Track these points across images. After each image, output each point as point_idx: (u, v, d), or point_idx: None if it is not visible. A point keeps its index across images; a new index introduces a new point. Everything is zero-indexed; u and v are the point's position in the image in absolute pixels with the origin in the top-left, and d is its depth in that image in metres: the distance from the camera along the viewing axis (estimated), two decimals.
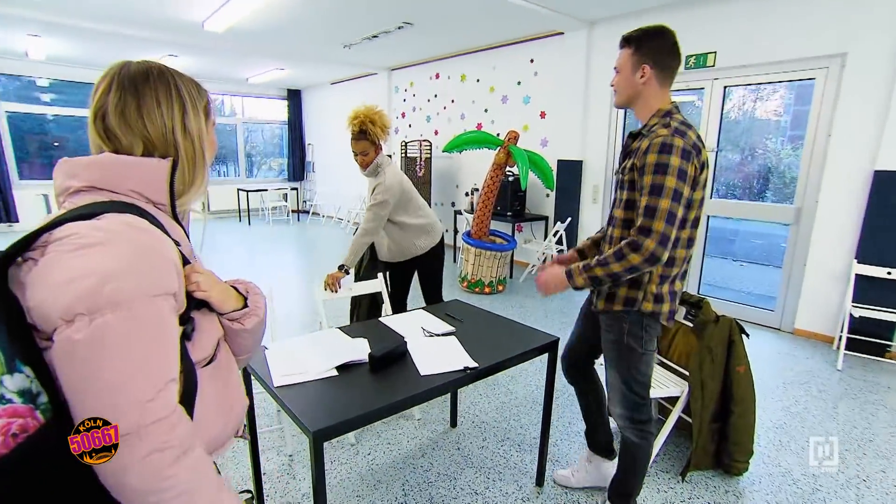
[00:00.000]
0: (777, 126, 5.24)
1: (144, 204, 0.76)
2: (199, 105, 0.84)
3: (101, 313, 0.60)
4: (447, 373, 1.47)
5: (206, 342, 0.80)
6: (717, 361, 2.01)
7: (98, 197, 0.72)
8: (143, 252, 0.66)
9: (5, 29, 5.44)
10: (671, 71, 1.45)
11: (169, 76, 0.81)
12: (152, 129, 0.77)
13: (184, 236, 0.83)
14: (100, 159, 0.74)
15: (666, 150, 1.31)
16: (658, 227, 1.30)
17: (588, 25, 4.70)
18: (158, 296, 0.66)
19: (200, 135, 0.83)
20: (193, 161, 0.82)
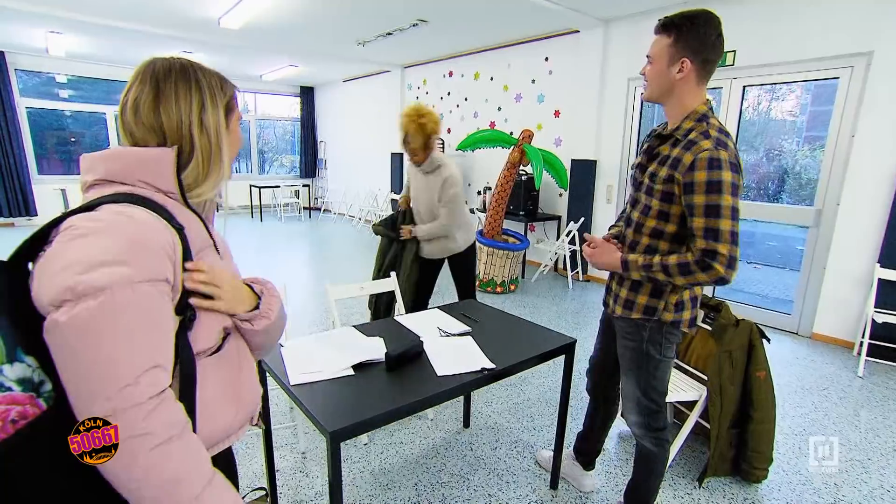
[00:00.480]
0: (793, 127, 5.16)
1: (152, 193, 0.77)
2: (220, 100, 0.85)
3: (83, 299, 0.61)
4: (464, 374, 1.45)
5: (208, 331, 0.80)
6: (737, 366, 1.98)
7: (109, 189, 0.75)
8: (129, 239, 0.67)
9: (27, 26, 5.52)
10: (712, 66, 1.32)
11: (192, 71, 0.83)
12: (167, 122, 0.80)
13: (198, 225, 0.84)
14: (109, 152, 0.77)
15: (715, 165, 1.23)
16: (724, 249, 1.23)
17: (604, 24, 4.65)
18: (144, 281, 0.66)
19: (218, 130, 0.84)
20: (209, 155, 0.83)
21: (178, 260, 0.73)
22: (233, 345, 0.88)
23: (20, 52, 7.08)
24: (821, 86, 4.34)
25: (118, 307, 0.63)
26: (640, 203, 1.46)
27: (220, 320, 0.84)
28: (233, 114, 0.89)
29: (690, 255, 1.28)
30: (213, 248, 0.89)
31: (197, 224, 0.84)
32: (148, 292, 0.67)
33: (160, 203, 0.76)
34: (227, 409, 0.84)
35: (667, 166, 1.33)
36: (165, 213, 0.75)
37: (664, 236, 1.40)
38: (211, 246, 0.87)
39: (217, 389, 0.82)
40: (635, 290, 1.47)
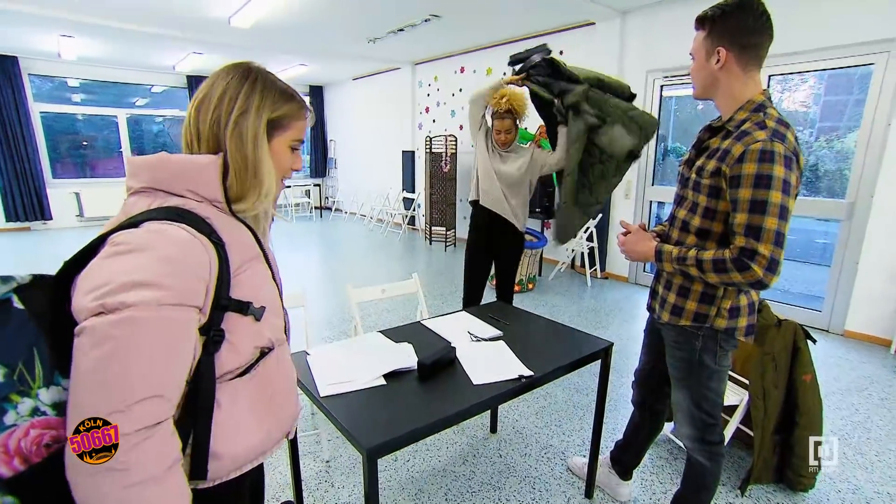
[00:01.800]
0: (805, 118, 5.02)
1: (198, 203, 0.74)
2: (266, 111, 0.80)
3: (104, 316, 0.60)
4: (501, 382, 1.38)
5: (240, 350, 0.76)
6: (781, 369, 1.88)
7: (154, 199, 0.72)
8: (164, 260, 0.65)
9: (39, 30, 5.53)
10: (756, 50, 1.21)
11: (252, 75, 0.80)
12: (206, 122, 0.77)
13: (245, 236, 0.80)
14: (152, 160, 0.73)
15: (767, 158, 1.12)
16: (765, 250, 1.12)
17: (621, 15, 4.53)
18: (171, 305, 0.64)
19: (256, 139, 0.78)
20: (244, 167, 0.78)
21: (212, 280, 0.70)
22: (271, 362, 0.83)
23: (33, 57, 7.12)
24: (835, 75, 4.19)
25: (136, 327, 0.61)
26: (686, 200, 1.36)
27: (254, 339, 0.79)
28: (281, 131, 0.83)
29: (728, 253, 1.18)
30: (263, 259, 0.84)
31: (243, 235, 0.80)
32: (172, 318, 0.64)
33: (203, 216, 0.73)
34: (258, 428, 0.80)
35: (715, 159, 1.24)
36: (207, 227, 0.72)
37: (711, 236, 1.30)
38: (259, 257, 0.82)
39: (246, 411, 0.78)
40: (684, 294, 1.37)
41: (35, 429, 0.61)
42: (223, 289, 0.72)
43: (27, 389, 0.61)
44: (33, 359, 0.62)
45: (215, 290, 0.70)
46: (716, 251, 1.22)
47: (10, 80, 6.99)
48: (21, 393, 0.60)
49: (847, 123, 4.55)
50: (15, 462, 0.60)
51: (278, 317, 0.85)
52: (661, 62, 4.35)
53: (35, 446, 0.61)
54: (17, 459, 0.60)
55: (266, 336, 0.80)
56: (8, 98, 6.99)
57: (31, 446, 0.61)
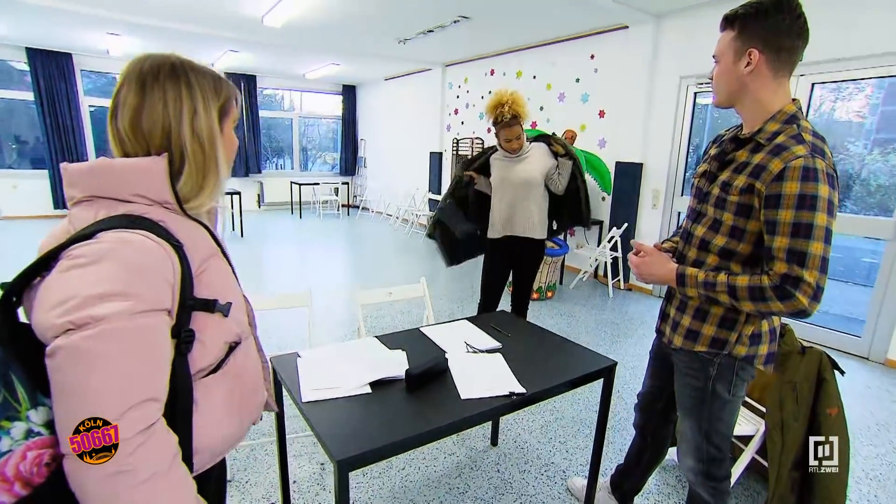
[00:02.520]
0: (860, 128, 4.71)
1: (148, 207, 0.73)
2: (214, 104, 0.80)
3: (79, 330, 0.59)
4: (490, 398, 1.33)
5: (211, 347, 0.77)
6: (803, 400, 1.75)
7: (100, 207, 0.71)
8: (129, 269, 0.64)
9: (89, 29, 5.82)
10: (791, 55, 1.10)
11: (182, 72, 0.77)
12: (157, 131, 0.75)
13: (202, 234, 0.80)
14: (94, 167, 0.72)
15: (811, 176, 1.02)
16: (811, 277, 1.02)
17: (655, 18, 4.37)
18: (143, 313, 0.63)
19: (212, 136, 0.78)
20: (203, 164, 0.78)
21: (176, 282, 0.69)
22: (239, 356, 0.84)
23: (85, 54, 7.50)
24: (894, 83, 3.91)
25: (114, 339, 0.61)
26: (705, 217, 1.26)
27: (226, 333, 0.79)
28: (228, 117, 0.83)
29: (767, 279, 1.07)
30: (222, 254, 0.84)
31: (199, 233, 0.79)
32: (146, 324, 0.64)
33: (157, 220, 0.72)
34: (230, 421, 0.82)
35: (745, 174, 1.13)
36: (163, 230, 0.71)
37: (735, 257, 1.20)
38: (217, 253, 0.82)
39: (220, 405, 0.80)
40: (701, 318, 1.26)
41: (32, 450, 0.61)
42: (187, 289, 0.72)
43: (16, 413, 0.61)
44: (12, 382, 0.61)
45: (180, 291, 0.70)
46: (751, 277, 1.11)
47: (65, 75, 7.39)
48: (10, 418, 0.60)
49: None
50: (16, 487, 0.60)
51: (242, 310, 0.87)
52: (696, 68, 4.17)
53: (36, 467, 0.61)
54: (18, 484, 0.60)
55: (233, 331, 0.82)
56: (61, 92, 7.40)
57: (31, 468, 0.61)
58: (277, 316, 3.59)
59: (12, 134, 7.97)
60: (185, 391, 0.73)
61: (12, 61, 7.36)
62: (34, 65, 7.15)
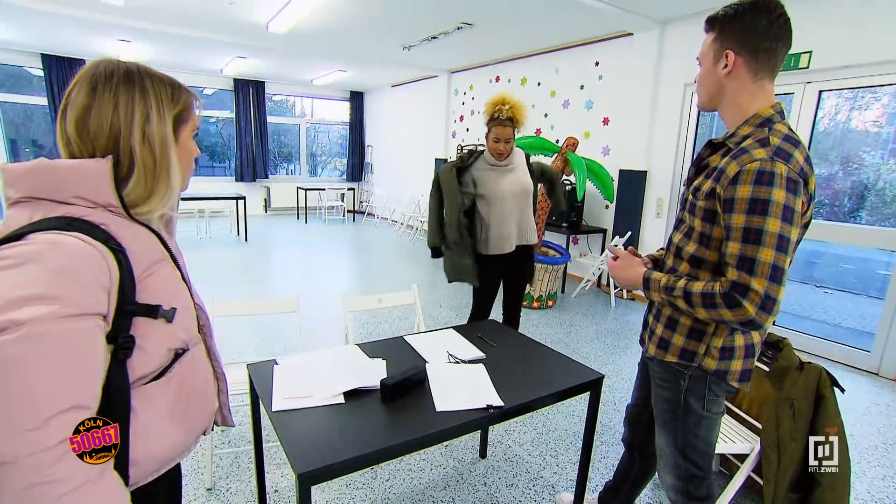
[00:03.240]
0: (877, 138, 4.61)
1: (89, 210, 0.70)
2: (168, 111, 0.78)
3: (1, 333, 0.56)
4: (466, 411, 1.28)
5: (153, 354, 0.74)
6: (800, 418, 1.67)
7: (37, 209, 0.68)
8: (56, 272, 0.61)
9: (100, 35, 5.94)
10: (769, 57, 1.07)
11: (138, 78, 0.76)
12: (105, 133, 0.73)
13: (147, 238, 0.77)
14: (34, 167, 0.69)
15: (765, 180, 0.98)
16: (759, 286, 0.98)
17: (660, 25, 4.33)
18: (71, 317, 0.60)
19: (164, 143, 0.77)
20: (154, 170, 0.76)
21: (113, 287, 0.67)
22: (186, 363, 0.81)
23: None
24: None
25: (36, 344, 0.58)
26: (683, 223, 1.23)
27: (167, 342, 0.77)
28: (185, 125, 0.82)
29: (719, 286, 1.03)
30: (171, 260, 0.82)
31: (145, 237, 0.77)
32: (74, 328, 0.61)
33: (97, 222, 0.70)
34: (175, 430, 0.80)
35: (711, 179, 1.10)
36: (102, 233, 0.69)
37: (704, 265, 1.16)
38: (165, 258, 0.80)
39: (164, 414, 0.78)
40: (671, 327, 1.23)
41: None
42: (127, 294, 0.70)
43: None
44: None
45: (118, 295, 0.68)
46: (706, 283, 1.08)
47: None
48: None
49: None
50: None
51: (190, 317, 0.84)
52: None
53: None
54: None
55: (180, 337, 0.80)
56: None
57: None
58: (272, 321, 3.59)
59: (29, 138, 8.13)
60: (121, 398, 0.70)
61: (28, 67, 7.52)
62: (49, 71, 7.30)
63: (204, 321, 0.92)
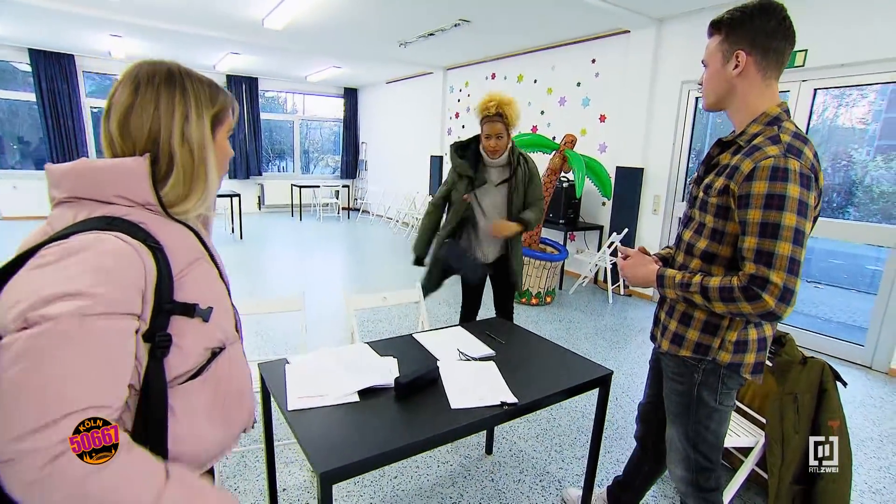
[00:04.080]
0: (863, 135, 4.69)
1: (129, 208, 0.71)
2: (207, 112, 0.79)
3: (29, 329, 0.57)
4: (481, 408, 1.29)
5: (189, 353, 0.74)
6: (804, 412, 1.71)
7: (80, 209, 0.69)
8: (92, 270, 0.62)
9: (92, 30, 5.83)
10: (777, 56, 1.11)
11: (178, 79, 0.77)
12: (145, 133, 0.74)
13: (186, 237, 0.78)
14: (76, 167, 0.70)
15: (780, 176, 1.01)
16: (777, 278, 1.01)
17: (657, 23, 4.35)
18: (101, 315, 0.60)
19: (202, 143, 0.77)
20: (192, 171, 0.77)
21: (149, 286, 0.67)
22: (223, 362, 0.81)
23: (87, 55, 7.52)
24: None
25: (63, 339, 0.57)
26: (693, 221, 1.25)
27: (204, 341, 0.77)
28: (222, 126, 0.83)
29: (737, 280, 1.06)
30: (209, 258, 0.82)
31: (184, 236, 0.77)
32: (102, 327, 0.60)
33: (136, 221, 0.70)
34: (213, 430, 0.80)
35: (724, 176, 1.13)
36: (142, 232, 0.69)
37: (717, 261, 1.19)
38: (203, 257, 0.80)
39: (201, 413, 0.77)
40: (685, 322, 1.25)
41: None
42: (164, 293, 0.70)
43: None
44: None
45: (155, 294, 0.68)
46: (723, 278, 1.11)
47: (67, 76, 7.41)
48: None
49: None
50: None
51: (228, 317, 0.84)
52: (697, 73, 4.11)
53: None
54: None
55: (216, 337, 0.79)
56: (63, 93, 7.41)
57: None
58: (272, 320, 3.57)
59: (15, 135, 7.99)
60: (159, 397, 0.70)
61: (15, 62, 7.38)
62: (36, 66, 7.17)
63: (238, 320, 0.92)
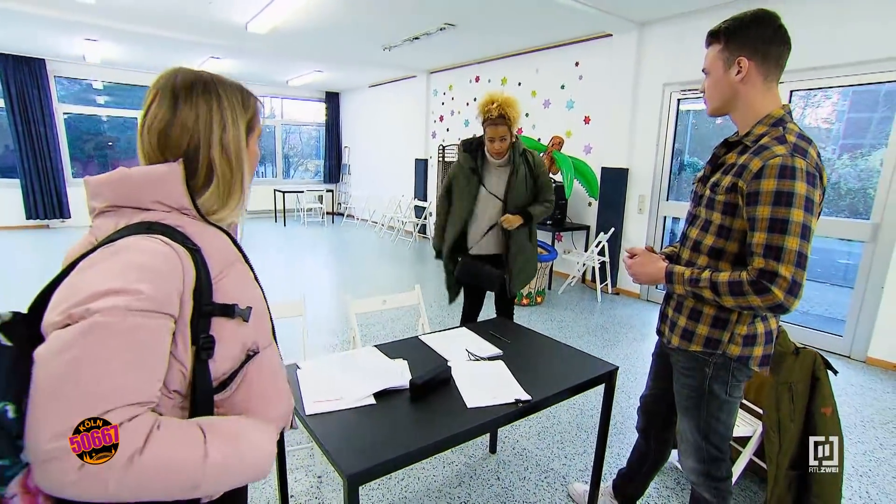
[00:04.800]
0: (828, 134, 4.90)
1: (166, 213, 0.72)
2: (242, 119, 0.80)
3: (70, 325, 0.58)
4: (496, 406, 1.31)
5: (229, 354, 0.74)
6: (798, 401, 1.77)
7: (121, 217, 0.71)
8: (132, 268, 0.63)
9: (65, 34, 5.67)
10: (777, 60, 1.16)
11: (214, 88, 0.77)
12: (184, 144, 0.74)
13: (222, 240, 0.79)
14: (113, 177, 0.71)
15: (787, 174, 1.06)
16: (786, 272, 1.05)
17: (638, 27, 4.46)
18: (140, 311, 0.61)
19: (239, 151, 0.78)
20: (230, 179, 0.78)
21: (187, 288, 0.68)
22: (255, 364, 0.80)
23: (60, 59, 7.30)
24: (860, 91, 4.07)
25: (102, 332, 0.58)
26: (699, 219, 1.30)
27: (242, 342, 0.76)
28: (253, 132, 0.83)
29: (745, 275, 1.11)
30: (244, 260, 0.84)
31: (220, 240, 0.78)
32: (141, 324, 0.61)
33: (174, 225, 0.71)
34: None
35: (731, 174, 1.18)
36: (180, 235, 0.70)
37: (724, 256, 1.24)
38: (239, 259, 0.81)
39: (238, 414, 0.78)
40: (695, 318, 1.29)
41: None
42: (205, 295, 0.70)
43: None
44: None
45: (195, 296, 0.69)
46: (731, 273, 1.15)
47: (37, 81, 7.17)
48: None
49: (871, 141, 4.41)
50: (39, 500, 0.58)
51: (265, 319, 0.85)
52: (679, 75, 4.27)
53: None
54: (41, 497, 0.58)
55: (252, 339, 0.79)
56: (34, 99, 7.17)
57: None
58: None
59: None
60: (207, 400, 0.71)
61: None
62: (5, 71, 6.92)
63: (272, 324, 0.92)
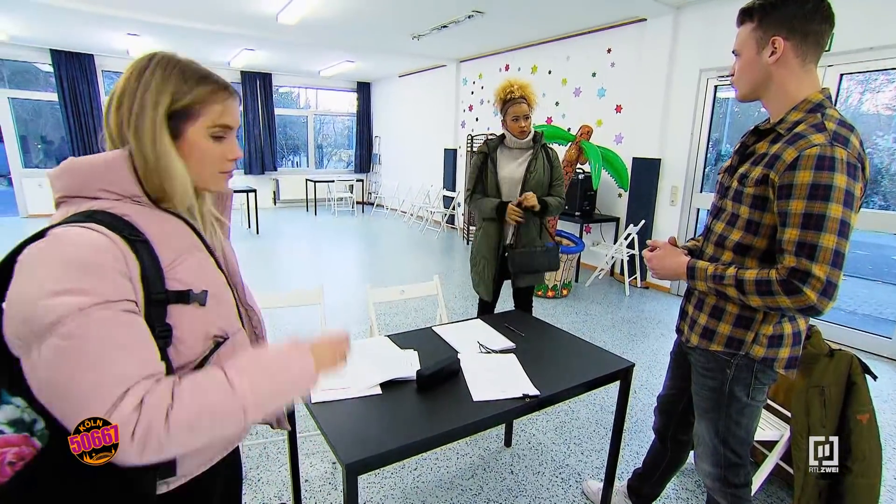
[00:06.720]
0: (889, 122, 4.55)
1: (115, 202, 0.71)
2: (164, 105, 0.73)
3: (45, 338, 0.58)
4: (503, 400, 1.30)
5: (191, 342, 0.73)
6: (831, 406, 1.67)
7: (71, 206, 0.70)
8: (69, 265, 0.61)
9: (109, 29, 5.92)
10: (818, 38, 1.05)
11: (155, 68, 0.74)
12: (113, 122, 0.74)
13: (177, 227, 0.77)
14: (63, 167, 0.72)
15: (826, 165, 0.97)
16: (820, 272, 0.97)
17: (674, 10, 4.26)
18: (96, 306, 0.61)
19: (155, 138, 0.73)
20: (155, 165, 0.73)
21: (135, 275, 0.66)
22: (227, 351, 0.79)
23: (106, 54, 7.65)
24: None
25: (78, 338, 0.59)
26: (724, 212, 1.22)
27: (205, 327, 0.75)
28: (192, 121, 0.75)
29: (775, 273, 1.03)
30: (204, 249, 0.80)
31: (174, 226, 0.76)
32: (103, 317, 0.61)
33: (120, 214, 0.70)
34: None
35: (762, 165, 1.09)
36: (124, 224, 0.68)
37: (751, 253, 1.15)
38: (196, 246, 0.79)
39: None
40: (717, 316, 1.22)
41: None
42: (153, 284, 0.68)
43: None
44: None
45: (145, 285, 0.67)
46: (759, 270, 1.07)
47: (87, 75, 7.54)
48: None
49: None
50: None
51: (227, 305, 0.82)
52: (717, 61, 4.05)
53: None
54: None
55: (216, 325, 0.77)
56: (83, 92, 7.55)
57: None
58: (288, 314, 3.62)
59: (38, 134, 8.19)
60: None
61: (37, 63, 7.54)
62: (58, 66, 7.31)
63: (257, 322, 0.91)
